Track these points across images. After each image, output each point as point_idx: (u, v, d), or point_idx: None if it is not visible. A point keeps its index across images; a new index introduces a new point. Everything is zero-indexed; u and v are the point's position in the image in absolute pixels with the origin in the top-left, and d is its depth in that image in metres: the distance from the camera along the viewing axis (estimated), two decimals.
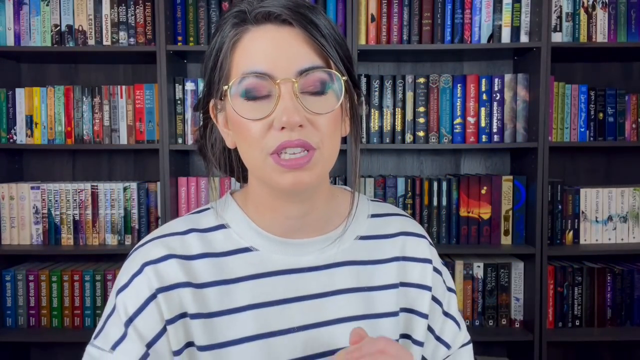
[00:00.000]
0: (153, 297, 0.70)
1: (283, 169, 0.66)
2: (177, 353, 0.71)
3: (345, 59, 0.71)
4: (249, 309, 0.73)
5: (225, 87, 0.68)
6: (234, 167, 0.79)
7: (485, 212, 2.13)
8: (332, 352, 0.74)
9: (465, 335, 0.86)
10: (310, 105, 0.66)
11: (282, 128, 0.65)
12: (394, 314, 0.78)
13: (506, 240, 2.14)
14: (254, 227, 0.76)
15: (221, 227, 0.76)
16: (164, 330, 0.71)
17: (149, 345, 0.70)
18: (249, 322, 0.72)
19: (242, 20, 0.69)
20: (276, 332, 0.73)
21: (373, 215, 0.82)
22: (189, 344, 0.72)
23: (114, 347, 0.70)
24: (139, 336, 0.70)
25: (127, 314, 0.71)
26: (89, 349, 0.73)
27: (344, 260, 0.77)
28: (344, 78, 0.69)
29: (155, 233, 0.77)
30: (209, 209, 0.79)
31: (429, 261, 0.82)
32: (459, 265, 2.14)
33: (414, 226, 0.85)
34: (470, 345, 0.87)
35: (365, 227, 0.80)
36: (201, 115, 0.77)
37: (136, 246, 0.76)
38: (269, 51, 0.67)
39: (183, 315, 0.71)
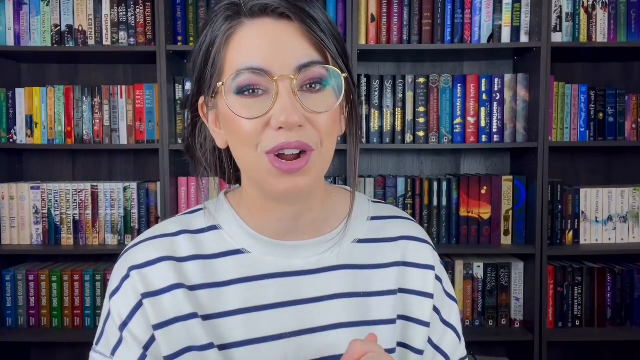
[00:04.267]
0: (140, 303, 0.69)
1: (279, 172, 0.64)
2: (171, 357, 0.69)
3: (343, 55, 0.68)
4: (239, 313, 0.70)
5: (219, 84, 0.65)
6: (225, 168, 0.76)
7: (485, 212, 2.13)
8: (324, 359, 0.71)
9: (464, 350, 0.82)
10: (309, 103, 0.64)
11: (280, 128, 0.63)
12: (391, 321, 0.75)
13: (506, 240, 2.14)
14: (245, 228, 0.73)
15: (213, 228, 0.74)
16: (153, 336, 0.69)
17: (146, 347, 0.69)
18: (238, 327, 0.70)
19: (235, 13, 0.66)
20: (267, 337, 0.70)
21: (373, 218, 0.79)
22: (189, 349, 0.69)
23: (113, 352, 0.70)
24: (135, 339, 0.69)
25: (120, 318, 0.70)
26: (92, 355, 0.72)
27: (339, 264, 0.74)
28: (344, 75, 0.66)
29: (145, 234, 0.75)
30: (201, 209, 0.77)
31: (431, 268, 0.79)
32: (459, 265, 2.14)
33: (417, 230, 0.81)
34: None
35: (364, 230, 0.77)
36: (189, 113, 0.74)
37: (126, 247, 0.74)
38: (266, 46, 0.63)
39: (177, 319, 0.69)
